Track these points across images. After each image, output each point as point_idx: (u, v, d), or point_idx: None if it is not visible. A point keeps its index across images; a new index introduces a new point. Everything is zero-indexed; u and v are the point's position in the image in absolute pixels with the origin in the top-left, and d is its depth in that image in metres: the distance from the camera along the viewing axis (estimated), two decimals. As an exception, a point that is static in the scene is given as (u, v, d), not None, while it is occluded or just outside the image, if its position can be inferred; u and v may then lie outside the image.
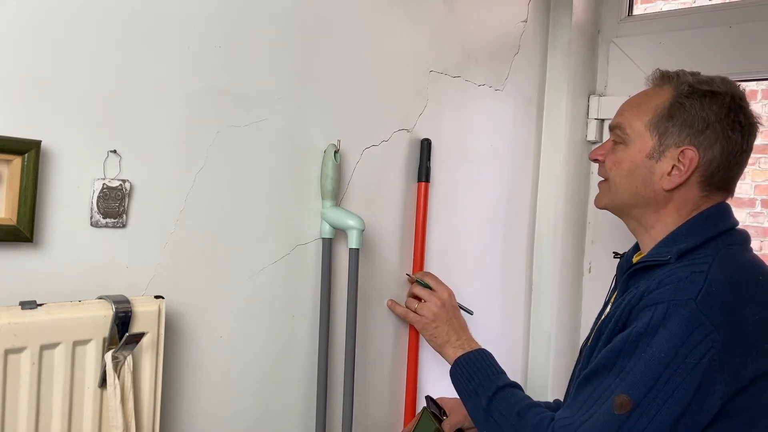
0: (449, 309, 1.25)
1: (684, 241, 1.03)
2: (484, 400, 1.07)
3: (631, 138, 1.09)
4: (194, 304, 1.12)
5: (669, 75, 1.11)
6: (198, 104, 1.10)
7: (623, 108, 1.14)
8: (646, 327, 0.94)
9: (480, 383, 1.11)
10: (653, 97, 1.09)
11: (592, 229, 2.06)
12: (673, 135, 1.05)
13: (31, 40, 0.90)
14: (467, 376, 1.13)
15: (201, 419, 1.14)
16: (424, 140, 1.50)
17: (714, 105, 1.04)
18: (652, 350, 0.92)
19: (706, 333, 0.91)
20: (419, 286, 1.28)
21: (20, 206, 0.87)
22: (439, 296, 1.26)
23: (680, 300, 0.93)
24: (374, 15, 1.41)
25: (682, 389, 0.90)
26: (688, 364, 0.90)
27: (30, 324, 0.86)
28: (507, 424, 1.02)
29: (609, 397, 0.93)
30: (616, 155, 1.11)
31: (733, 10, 1.84)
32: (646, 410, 0.90)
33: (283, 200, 1.25)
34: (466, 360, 1.16)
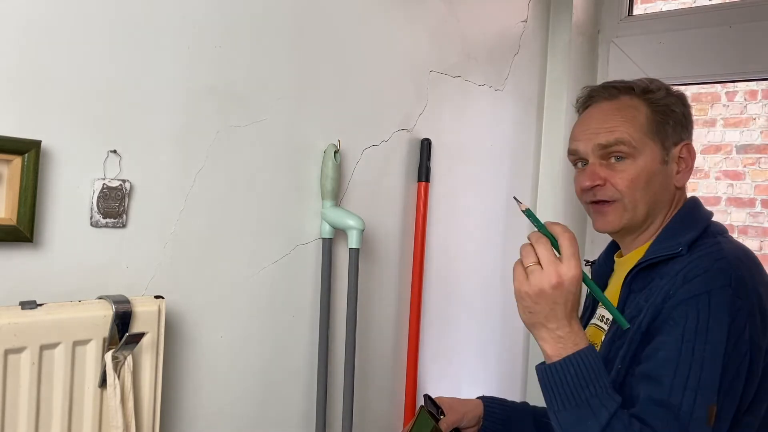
0: (565, 293, 0.94)
1: (686, 233, 1.04)
2: (603, 417, 0.91)
3: (640, 149, 1.06)
4: (194, 304, 1.12)
5: (619, 87, 1.11)
6: (198, 104, 1.10)
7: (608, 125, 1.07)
8: (697, 323, 0.92)
9: (596, 394, 0.92)
10: (631, 109, 1.08)
11: (591, 230, 2.06)
12: (670, 136, 1.08)
13: (31, 41, 0.90)
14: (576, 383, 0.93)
15: (201, 419, 1.14)
16: (424, 140, 1.50)
17: (678, 99, 1.11)
18: (710, 349, 0.92)
19: (745, 318, 0.93)
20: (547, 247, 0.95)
21: (20, 206, 0.87)
22: (560, 272, 0.93)
23: (718, 288, 0.94)
24: (374, 15, 1.41)
25: (738, 380, 0.93)
26: (740, 353, 0.92)
27: (30, 324, 0.86)
28: None
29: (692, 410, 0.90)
30: (628, 172, 1.06)
31: (733, 10, 1.84)
32: (722, 410, 0.92)
33: (283, 200, 1.25)
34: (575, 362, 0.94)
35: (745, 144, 3.91)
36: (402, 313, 1.54)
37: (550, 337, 0.95)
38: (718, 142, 3.75)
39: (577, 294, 0.95)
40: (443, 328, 1.68)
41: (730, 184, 3.99)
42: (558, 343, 0.95)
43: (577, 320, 0.96)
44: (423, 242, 1.53)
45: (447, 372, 1.69)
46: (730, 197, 4.03)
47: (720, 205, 4.05)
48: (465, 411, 1.27)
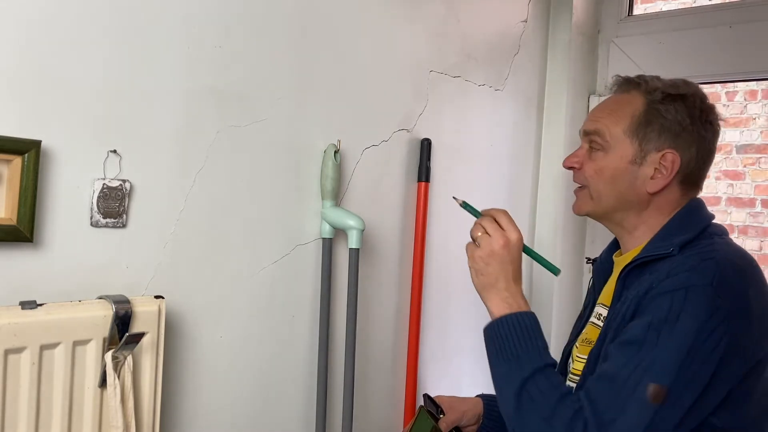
0: (511, 252, 1.08)
1: (681, 234, 1.05)
2: (527, 371, 0.99)
3: (611, 145, 1.09)
4: (194, 304, 1.12)
5: (634, 81, 1.12)
6: (198, 104, 1.10)
7: (597, 115, 1.13)
8: (667, 314, 0.94)
9: (526, 350, 1.01)
10: (626, 104, 1.10)
11: (592, 229, 2.06)
12: (652, 140, 1.08)
13: (31, 41, 0.90)
14: (513, 338, 1.02)
15: (201, 419, 1.14)
16: (424, 140, 1.50)
17: (687, 108, 1.08)
18: (675, 337, 0.93)
19: (722, 318, 0.92)
20: (491, 220, 1.11)
21: (20, 206, 0.87)
22: (506, 234, 1.08)
23: (697, 285, 0.95)
24: (374, 15, 1.41)
25: (701, 374, 0.92)
26: (707, 349, 0.92)
27: (30, 324, 0.86)
28: (546, 403, 0.97)
29: (636, 388, 0.92)
30: (597, 163, 1.11)
31: (733, 10, 1.84)
32: (674, 397, 0.92)
33: (283, 200, 1.25)
34: (514, 320, 1.04)
35: (745, 144, 3.91)
36: (402, 313, 1.54)
37: (499, 298, 1.06)
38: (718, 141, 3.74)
39: (519, 258, 1.09)
40: (443, 328, 1.68)
41: (730, 184, 4.00)
42: (504, 302, 1.06)
43: (520, 286, 1.09)
44: (423, 242, 1.53)
45: (447, 372, 1.69)
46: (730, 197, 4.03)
47: (720, 205, 4.05)
48: (465, 410, 1.27)
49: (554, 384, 0.99)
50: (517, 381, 1.00)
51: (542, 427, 0.96)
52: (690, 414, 0.92)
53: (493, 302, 1.07)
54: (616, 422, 0.92)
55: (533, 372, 0.99)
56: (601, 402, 0.95)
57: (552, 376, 1.00)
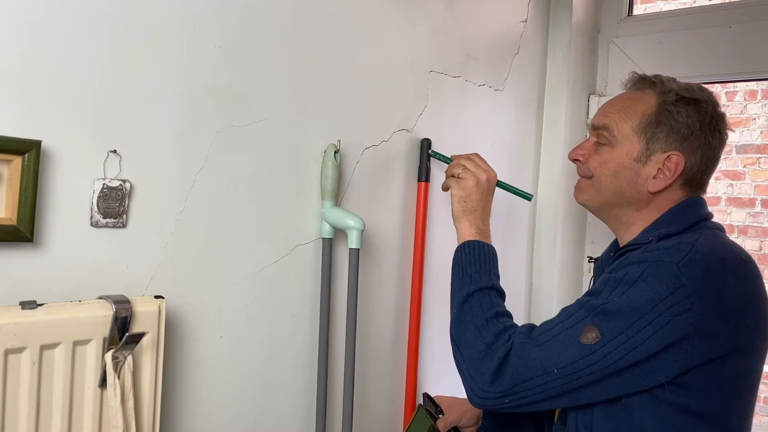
0: (491, 186, 1.25)
1: (665, 227, 1.07)
2: (474, 286, 1.09)
3: (619, 140, 1.10)
4: (194, 304, 1.12)
5: (650, 80, 1.13)
6: (198, 104, 1.10)
7: (608, 110, 1.14)
8: (625, 275, 0.97)
9: (479, 271, 1.11)
10: (639, 102, 1.11)
11: (592, 229, 2.06)
12: (660, 140, 1.08)
13: (31, 40, 0.90)
14: (471, 260, 1.13)
15: (201, 419, 1.14)
16: (424, 140, 1.50)
17: (698, 113, 1.09)
18: (628, 297, 0.95)
19: (685, 295, 0.93)
20: (469, 158, 1.27)
21: (20, 206, 0.87)
22: (486, 171, 1.24)
23: (663, 261, 0.96)
24: (374, 15, 1.41)
25: (651, 341, 0.93)
26: (663, 320, 0.92)
27: (30, 324, 0.86)
28: (481, 315, 1.05)
29: (576, 324, 0.96)
30: (602, 156, 1.12)
31: (733, 10, 1.84)
32: (611, 350, 0.93)
33: (283, 200, 1.25)
34: (478, 246, 1.15)
35: (745, 144, 3.92)
36: (402, 313, 1.54)
37: (473, 224, 1.19)
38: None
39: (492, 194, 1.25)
40: (443, 328, 1.68)
41: (730, 184, 4.00)
42: (477, 229, 1.18)
43: (489, 219, 1.23)
44: (423, 242, 1.53)
45: (447, 371, 1.69)
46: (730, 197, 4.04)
47: (720, 205, 4.06)
48: (464, 410, 1.27)
49: (494, 303, 1.08)
50: (463, 294, 1.09)
51: (473, 335, 1.04)
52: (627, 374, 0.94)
53: (466, 226, 1.19)
54: (546, 344, 0.97)
55: (479, 288, 1.08)
56: (543, 326, 1.01)
57: (494, 297, 1.09)
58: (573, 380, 0.95)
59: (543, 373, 0.95)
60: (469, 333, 1.05)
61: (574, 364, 0.94)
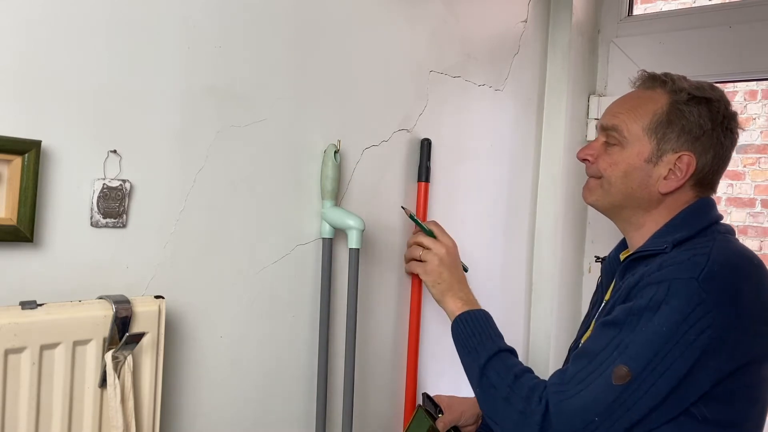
0: (453, 258, 1.26)
1: (678, 232, 1.05)
2: (483, 358, 1.08)
3: (629, 141, 1.09)
4: (194, 304, 1.12)
5: (661, 78, 1.11)
6: (198, 104, 1.10)
7: (617, 110, 1.13)
8: (649, 302, 0.95)
9: (481, 341, 1.11)
10: (649, 102, 1.09)
11: (592, 229, 2.06)
12: (671, 140, 1.07)
13: (31, 40, 0.90)
14: (469, 333, 1.14)
15: (201, 419, 1.14)
16: (424, 140, 1.49)
17: (710, 112, 1.07)
18: (653, 325, 0.94)
19: (706, 310, 0.92)
20: (423, 234, 1.28)
21: (20, 206, 0.87)
22: (444, 244, 1.26)
23: (682, 278, 0.95)
24: (374, 15, 1.41)
25: (679, 363, 0.92)
26: (687, 340, 0.92)
27: (30, 324, 0.86)
28: (502, 384, 1.03)
29: (608, 368, 0.94)
30: (612, 157, 1.11)
31: (733, 10, 1.84)
32: (643, 382, 0.93)
33: (283, 200, 1.25)
34: (470, 316, 1.16)
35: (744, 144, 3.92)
36: (402, 312, 1.54)
37: (456, 298, 1.20)
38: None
39: (459, 259, 1.27)
40: (443, 328, 1.68)
41: (730, 184, 4.00)
42: (461, 301, 1.20)
43: (467, 285, 1.25)
44: None
45: (447, 371, 1.69)
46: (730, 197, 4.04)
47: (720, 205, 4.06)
48: (463, 409, 1.27)
49: (508, 366, 1.06)
50: (476, 370, 1.08)
51: (504, 406, 1.02)
52: (667, 402, 0.93)
53: (450, 303, 1.20)
54: (580, 394, 0.95)
55: (488, 359, 1.07)
56: (571, 373, 0.98)
57: (506, 359, 1.07)
58: (615, 422, 0.94)
59: (585, 425, 0.94)
60: (499, 406, 1.03)
61: (612, 407, 0.93)
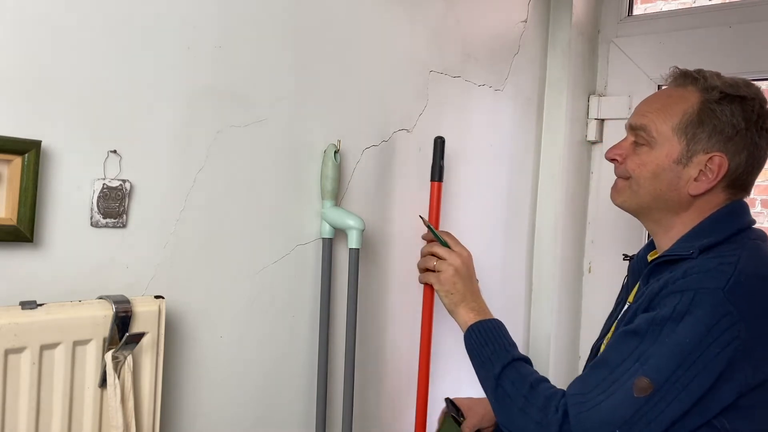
0: (468, 269, 1.21)
1: (706, 237, 1.01)
2: (497, 368, 1.05)
3: (658, 141, 1.05)
4: (194, 304, 1.12)
5: (692, 75, 1.07)
6: (198, 104, 1.10)
7: (646, 109, 1.09)
8: (672, 312, 0.93)
9: (495, 351, 1.09)
10: (680, 100, 1.06)
11: (592, 229, 2.06)
12: (702, 141, 1.03)
13: (31, 40, 0.90)
14: (482, 342, 1.11)
15: (201, 419, 1.14)
16: (437, 138, 1.38)
17: (744, 111, 1.02)
18: (676, 336, 0.91)
19: (732, 322, 0.90)
20: (438, 244, 1.22)
21: (20, 206, 0.87)
22: (459, 254, 1.20)
23: (708, 288, 0.92)
24: (374, 15, 1.41)
25: (702, 376, 0.90)
26: (712, 352, 0.89)
27: (30, 324, 0.86)
28: (518, 394, 1.01)
29: (629, 379, 0.92)
30: (641, 157, 1.07)
31: (733, 10, 1.84)
32: (665, 395, 0.90)
33: (283, 200, 1.25)
34: (482, 326, 1.13)
35: (745, 144, 3.91)
36: (402, 312, 1.54)
37: (468, 308, 1.16)
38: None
39: (474, 270, 1.22)
40: (444, 327, 1.68)
41: (730, 184, 3.99)
42: (473, 311, 1.16)
43: (481, 296, 1.21)
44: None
45: (448, 371, 1.69)
46: (730, 197, 4.02)
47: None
48: (483, 412, 1.26)
49: (523, 375, 1.03)
50: (491, 380, 1.05)
51: (520, 417, 0.99)
52: (689, 415, 0.91)
53: (463, 314, 1.17)
54: (600, 406, 0.93)
55: (502, 368, 1.05)
56: (591, 383, 0.96)
57: (521, 368, 1.05)
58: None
59: None
60: (515, 416, 1.00)
61: (632, 420, 0.90)
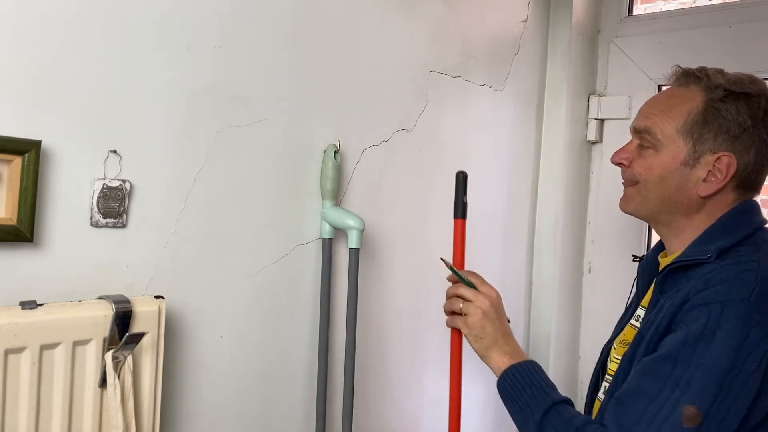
0: (498, 310, 1.12)
1: (721, 239, 1.00)
2: (537, 415, 1.00)
3: (663, 144, 1.03)
4: (194, 304, 1.12)
5: (695, 74, 1.05)
6: (198, 104, 1.10)
7: (649, 110, 1.07)
8: (703, 330, 0.90)
9: (533, 396, 1.03)
10: (683, 101, 1.04)
11: (592, 229, 2.06)
12: (708, 141, 1.01)
13: (31, 41, 0.90)
14: (519, 388, 1.05)
15: (201, 419, 1.14)
16: (459, 173, 1.22)
17: (750, 108, 1.00)
18: (711, 356, 0.88)
19: (763, 334, 0.88)
20: (464, 285, 1.14)
21: (20, 206, 0.88)
22: (486, 295, 1.12)
23: (734, 300, 0.90)
24: (374, 15, 1.41)
25: (744, 392, 0.88)
26: (748, 368, 0.88)
27: (30, 324, 0.86)
28: None
29: (674, 409, 0.89)
30: (647, 161, 1.05)
31: (733, 10, 1.84)
32: (713, 419, 0.87)
33: (283, 200, 1.25)
34: (518, 370, 1.06)
35: (745, 144, 3.91)
36: (402, 312, 1.54)
37: (501, 352, 1.09)
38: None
39: (503, 311, 1.14)
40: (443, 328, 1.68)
41: (730, 184, 3.99)
42: (506, 355, 1.09)
43: (513, 337, 1.13)
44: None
45: (448, 371, 1.69)
46: (730, 197, 4.01)
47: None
48: None
49: (567, 418, 0.98)
50: (534, 427, 1.00)
51: None
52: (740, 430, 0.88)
53: (496, 358, 1.10)
54: None
55: (544, 414, 0.99)
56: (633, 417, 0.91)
57: (563, 412, 0.99)
58: None
59: None
60: None
61: None
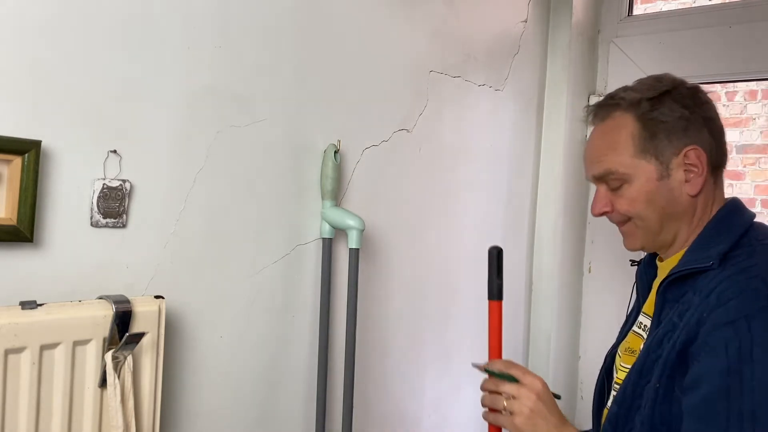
0: (546, 401, 1.03)
1: (718, 242, 1.00)
2: None
3: (631, 173, 1.03)
4: (194, 304, 1.12)
5: (609, 103, 1.06)
6: (198, 104, 1.10)
7: (595, 155, 1.07)
8: (739, 353, 0.89)
9: None
10: (618, 130, 1.04)
11: (591, 229, 2.06)
12: (666, 147, 1.02)
13: (31, 41, 0.90)
14: None
15: (201, 419, 1.14)
16: (493, 249, 1.10)
17: (677, 102, 1.03)
18: (761, 375, 0.88)
19: None
20: (504, 381, 1.05)
21: (20, 206, 0.87)
22: (531, 388, 1.03)
23: (754, 311, 0.90)
24: (374, 15, 1.41)
25: None
26: None
27: (30, 324, 0.86)
28: None
29: None
30: (627, 195, 1.05)
31: (733, 10, 1.84)
32: None
33: (283, 200, 1.25)
34: None
35: (745, 144, 3.91)
36: (402, 312, 1.54)
37: None
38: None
39: (553, 398, 1.04)
40: (444, 328, 1.69)
41: (730, 184, 3.99)
42: None
43: (568, 425, 1.03)
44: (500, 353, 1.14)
45: (449, 371, 1.69)
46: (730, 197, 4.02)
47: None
48: None
49: None
50: None
51: None
52: None
53: None
54: None
55: None
56: None
57: None
58: None
59: None
60: None
61: None
